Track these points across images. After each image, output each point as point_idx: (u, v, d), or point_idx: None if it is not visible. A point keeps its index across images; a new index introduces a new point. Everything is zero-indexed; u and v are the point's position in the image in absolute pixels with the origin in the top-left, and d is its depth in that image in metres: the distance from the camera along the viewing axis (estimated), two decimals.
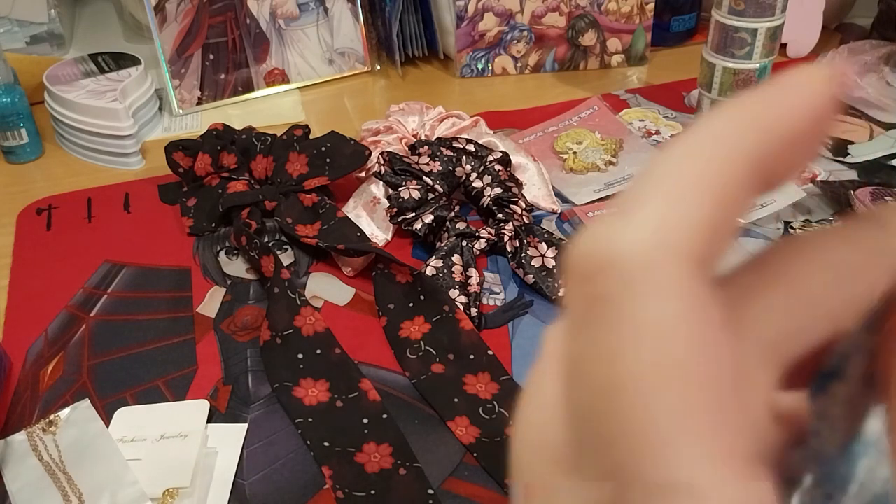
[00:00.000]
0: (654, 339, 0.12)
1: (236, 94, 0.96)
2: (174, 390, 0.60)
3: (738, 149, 0.13)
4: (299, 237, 0.71)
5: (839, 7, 1.03)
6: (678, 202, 0.13)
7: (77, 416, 0.57)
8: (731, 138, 0.13)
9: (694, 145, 0.13)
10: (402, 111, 0.83)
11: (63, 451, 0.54)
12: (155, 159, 0.85)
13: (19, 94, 0.84)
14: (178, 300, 0.68)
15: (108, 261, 0.73)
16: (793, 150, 0.13)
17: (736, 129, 0.13)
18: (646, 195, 0.13)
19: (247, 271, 0.70)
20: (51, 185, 0.83)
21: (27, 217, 0.79)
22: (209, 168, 0.77)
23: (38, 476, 0.53)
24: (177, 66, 0.92)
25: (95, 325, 0.66)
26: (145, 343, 0.64)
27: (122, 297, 0.69)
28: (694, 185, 0.13)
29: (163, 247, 0.74)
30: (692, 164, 0.13)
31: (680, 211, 0.13)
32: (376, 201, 0.74)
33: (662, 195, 0.13)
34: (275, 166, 0.76)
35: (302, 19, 0.96)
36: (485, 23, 0.97)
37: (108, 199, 0.80)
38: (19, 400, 0.59)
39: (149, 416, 0.57)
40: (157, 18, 0.89)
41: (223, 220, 0.75)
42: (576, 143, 0.85)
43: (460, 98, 0.96)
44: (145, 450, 0.54)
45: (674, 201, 0.13)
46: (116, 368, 0.62)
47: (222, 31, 0.93)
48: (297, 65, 0.98)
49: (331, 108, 0.95)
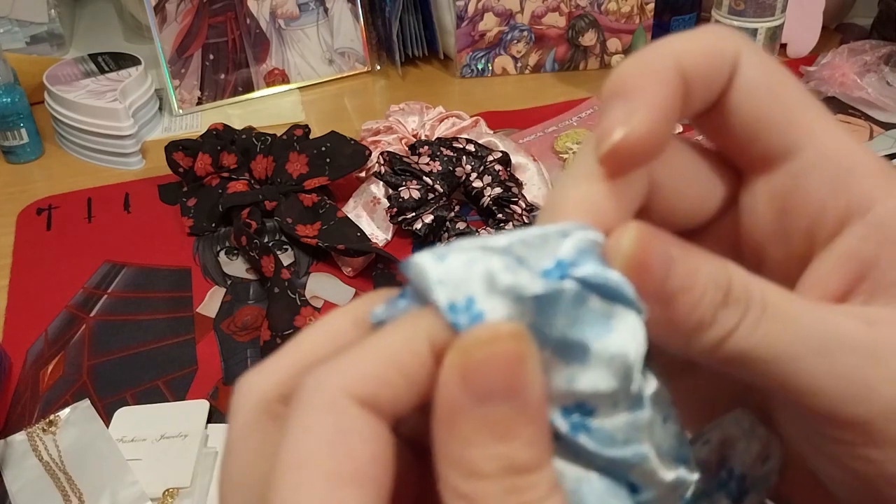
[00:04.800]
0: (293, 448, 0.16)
1: (236, 94, 0.96)
2: (174, 390, 0.60)
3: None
4: (299, 237, 0.71)
5: (839, 7, 1.03)
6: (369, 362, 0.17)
7: (77, 416, 0.57)
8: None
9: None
10: (402, 111, 0.83)
11: (63, 451, 0.54)
12: (155, 159, 0.84)
13: (19, 94, 0.84)
14: (178, 300, 0.68)
15: (108, 261, 0.72)
16: None
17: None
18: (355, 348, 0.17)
19: (247, 271, 0.70)
20: (51, 185, 0.83)
21: (27, 217, 0.79)
22: (209, 168, 0.77)
23: (38, 476, 0.53)
24: (177, 66, 0.92)
25: (95, 325, 0.66)
26: (145, 343, 0.64)
27: (122, 297, 0.69)
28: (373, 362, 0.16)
29: (163, 247, 0.74)
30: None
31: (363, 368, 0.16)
32: (376, 201, 0.74)
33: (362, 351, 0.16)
34: (275, 166, 0.76)
35: (302, 19, 0.96)
36: (485, 23, 0.97)
37: (108, 199, 0.80)
38: (19, 400, 0.59)
39: (149, 416, 0.57)
40: (157, 18, 0.89)
41: (223, 220, 0.75)
42: (576, 143, 0.85)
43: (460, 98, 0.96)
44: (145, 450, 0.54)
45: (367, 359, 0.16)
46: (116, 368, 0.62)
47: (222, 31, 0.93)
48: (297, 65, 0.98)
49: (331, 108, 0.95)
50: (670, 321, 0.17)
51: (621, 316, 0.16)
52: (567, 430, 0.16)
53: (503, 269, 0.16)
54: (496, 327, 0.15)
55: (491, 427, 0.15)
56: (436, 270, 0.16)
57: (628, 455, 0.16)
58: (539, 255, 0.16)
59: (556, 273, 0.16)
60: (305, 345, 0.19)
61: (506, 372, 0.15)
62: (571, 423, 0.16)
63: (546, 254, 0.16)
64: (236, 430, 0.18)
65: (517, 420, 0.15)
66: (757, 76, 0.19)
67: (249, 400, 0.18)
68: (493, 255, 0.16)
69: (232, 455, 0.18)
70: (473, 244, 0.16)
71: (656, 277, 0.16)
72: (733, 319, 0.17)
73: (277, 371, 0.18)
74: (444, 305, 0.16)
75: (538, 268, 0.16)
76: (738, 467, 0.20)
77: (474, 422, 0.15)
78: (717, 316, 0.17)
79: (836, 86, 0.87)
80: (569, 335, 0.16)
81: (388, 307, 0.18)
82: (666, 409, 0.17)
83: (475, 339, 0.15)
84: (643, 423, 0.17)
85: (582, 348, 0.16)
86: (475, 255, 0.16)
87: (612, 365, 0.16)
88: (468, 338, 0.15)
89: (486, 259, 0.16)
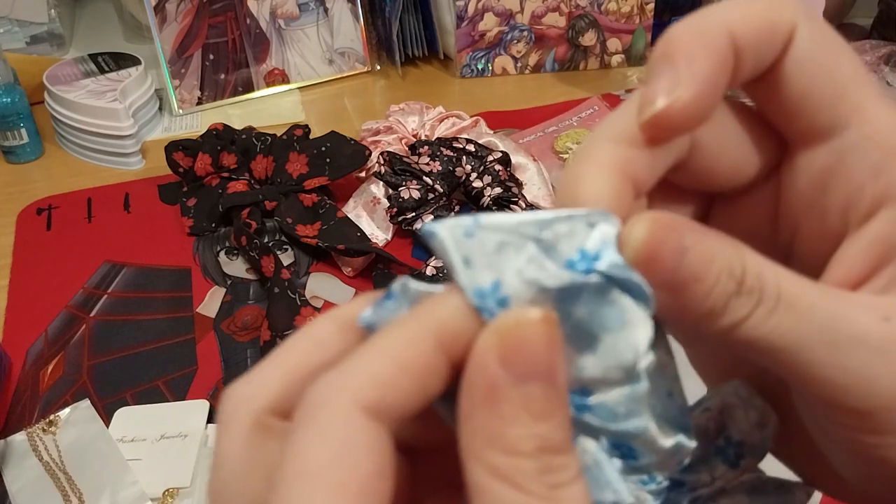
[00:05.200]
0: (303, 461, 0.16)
1: (236, 94, 0.96)
2: (174, 390, 0.60)
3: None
4: (299, 237, 0.71)
5: (839, 7, 1.03)
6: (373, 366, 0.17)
7: (77, 416, 0.57)
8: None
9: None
10: (402, 111, 0.83)
11: (63, 451, 0.54)
12: (155, 159, 0.84)
13: (19, 94, 0.84)
14: (178, 300, 0.68)
15: (108, 261, 0.72)
16: None
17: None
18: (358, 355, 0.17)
19: (247, 271, 0.70)
20: (51, 185, 0.83)
21: (27, 217, 0.79)
22: (209, 168, 0.77)
23: (38, 476, 0.53)
24: (177, 66, 0.92)
25: (95, 325, 0.66)
26: (145, 343, 0.64)
27: (122, 297, 0.69)
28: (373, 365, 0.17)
29: (163, 247, 0.74)
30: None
31: (367, 370, 0.16)
32: (376, 201, 0.74)
33: (366, 356, 0.17)
34: (275, 166, 0.76)
35: (302, 19, 0.96)
36: (485, 23, 0.97)
37: (108, 199, 0.80)
38: (19, 400, 0.59)
39: (149, 417, 0.57)
40: (157, 18, 0.89)
41: (223, 220, 0.75)
42: (576, 143, 0.85)
43: (460, 98, 0.96)
44: (145, 450, 0.54)
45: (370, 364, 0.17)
46: (116, 368, 0.62)
47: (222, 31, 0.93)
48: (297, 65, 0.98)
49: (331, 109, 0.95)
50: (681, 307, 0.17)
51: (635, 311, 0.17)
52: (574, 412, 0.17)
53: (531, 259, 0.16)
54: (529, 311, 0.16)
55: (530, 406, 0.15)
56: (463, 247, 0.16)
57: (630, 428, 0.17)
58: (566, 245, 0.16)
59: (582, 265, 0.16)
60: (293, 353, 0.19)
61: (544, 354, 0.16)
62: (575, 405, 0.17)
63: (573, 243, 0.16)
64: (226, 443, 0.18)
65: (553, 401, 0.16)
66: (811, 49, 0.18)
67: (239, 412, 0.18)
68: (524, 240, 0.16)
69: (223, 469, 0.18)
70: (506, 223, 0.16)
71: (667, 269, 0.17)
72: (745, 309, 0.17)
73: (266, 382, 0.18)
74: (470, 288, 0.16)
75: (564, 257, 0.16)
76: (736, 434, 0.20)
77: (515, 400, 0.15)
78: (730, 305, 0.17)
79: None
80: (584, 325, 0.16)
81: (376, 309, 0.18)
82: (672, 384, 0.18)
83: (512, 321, 0.16)
84: (641, 395, 0.17)
85: (594, 339, 0.17)
86: (507, 238, 0.16)
87: (620, 359, 0.17)
88: (505, 319, 0.16)
89: (518, 244, 0.16)
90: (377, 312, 0.18)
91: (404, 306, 0.17)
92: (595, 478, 0.18)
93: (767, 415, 0.21)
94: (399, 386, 0.16)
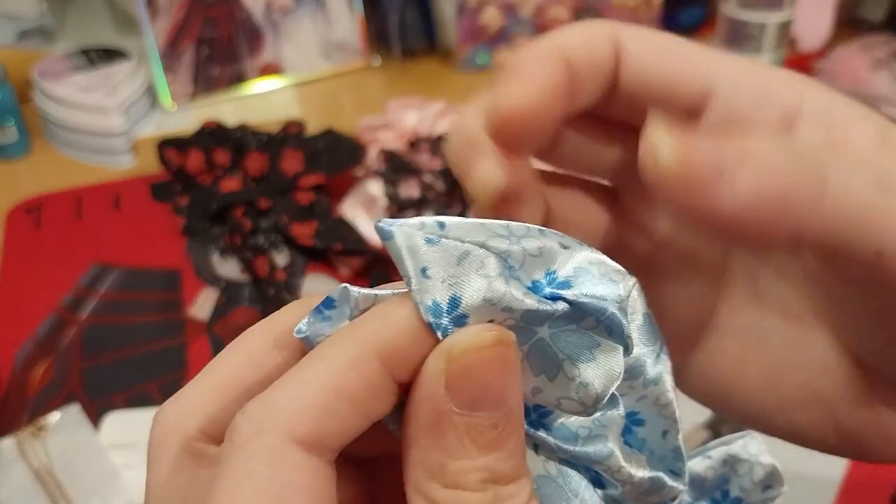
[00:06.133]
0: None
1: (230, 89, 0.94)
2: (166, 394, 0.58)
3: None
4: (295, 237, 0.70)
5: (851, 1, 1.03)
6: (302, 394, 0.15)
7: (67, 420, 0.56)
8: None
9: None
10: (401, 107, 0.82)
11: (53, 456, 0.54)
12: (147, 157, 0.83)
13: (8, 90, 0.83)
14: (171, 302, 0.67)
15: (99, 262, 0.71)
16: None
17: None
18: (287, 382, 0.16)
19: (241, 272, 0.69)
20: (40, 183, 0.82)
21: (16, 216, 0.78)
22: (202, 166, 0.76)
23: (28, 482, 0.53)
24: (169, 60, 0.90)
25: (86, 328, 0.65)
26: (137, 346, 0.63)
27: (112, 299, 0.68)
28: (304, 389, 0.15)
29: (154, 247, 0.73)
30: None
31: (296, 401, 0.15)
32: (375, 200, 0.73)
33: (291, 385, 0.15)
34: (270, 164, 0.75)
35: (298, 11, 0.95)
36: (486, 16, 0.95)
37: (99, 198, 0.80)
38: (8, 404, 0.59)
39: (140, 421, 0.56)
40: (149, 12, 0.88)
41: (217, 219, 0.74)
42: None
43: (461, 93, 0.95)
44: (137, 455, 0.54)
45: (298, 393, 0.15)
46: (107, 372, 0.61)
47: (216, 24, 0.91)
48: (293, 59, 0.96)
49: (328, 104, 0.94)
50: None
51: (607, 348, 0.16)
52: (527, 427, 0.16)
53: (494, 275, 0.15)
54: (483, 332, 0.15)
55: (476, 437, 0.15)
56: (422, 256, 0.15)
57: (590, 451, 0.17)
58: (532, 264, 0.16)
59: (548, 289, 0.16)
60: (224, 370, 0.18)
61: (494, 380, 0.15)
62: (529, 421, 0.17)
63: (540, 263, 0.16)
64: (155, 472, 0.17)
65: (503, 430, 0.15)
66: (642, 43, 0.20)
67: (169, 437, 0.17)
68: (489, 254, 0.15)
69: (156, 499, 0.17)
70: (472, 231, 0.15)
71: (712, 192, 0.16)
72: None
73: (196, 403, 0.17)
74: (424, 304, 0.15)
75: (530, 277, 0.16)
76: (735, 491, 0.20)
77: (459, 431, 0.15)
78: None
79: (848, 81, 0.86)
80: (547, 348, 0.16)
81: (312, 321, 0.16)
82: (669, 424, 0.18)
83: (464, 345, 0.15)
84: (610, 420, 0.17)
85: (555, 365, 0.16)
86: (471, 249, 0.15)
87: (579, 392, 0.16)
88: (457, 342, 0.15)
89: (482, 255, 0.15)
90: (314, 324, 0.16)
91: (346, 315, 0.16)
92: (559, 487, 0.17)
93: (776, 477, 0.20)
94: (338, 414, 0.15)
